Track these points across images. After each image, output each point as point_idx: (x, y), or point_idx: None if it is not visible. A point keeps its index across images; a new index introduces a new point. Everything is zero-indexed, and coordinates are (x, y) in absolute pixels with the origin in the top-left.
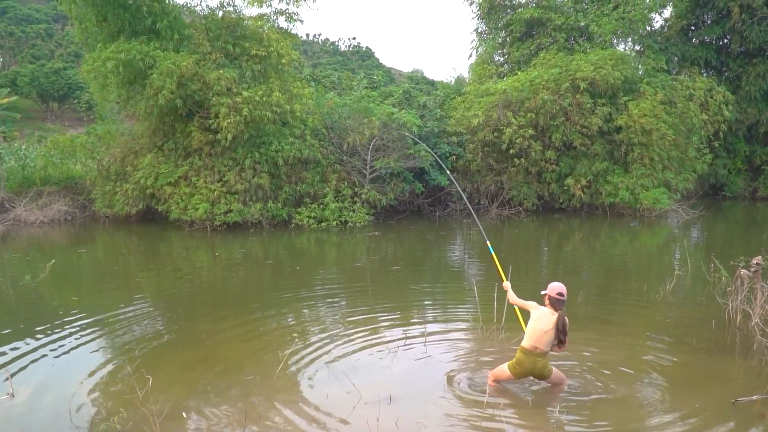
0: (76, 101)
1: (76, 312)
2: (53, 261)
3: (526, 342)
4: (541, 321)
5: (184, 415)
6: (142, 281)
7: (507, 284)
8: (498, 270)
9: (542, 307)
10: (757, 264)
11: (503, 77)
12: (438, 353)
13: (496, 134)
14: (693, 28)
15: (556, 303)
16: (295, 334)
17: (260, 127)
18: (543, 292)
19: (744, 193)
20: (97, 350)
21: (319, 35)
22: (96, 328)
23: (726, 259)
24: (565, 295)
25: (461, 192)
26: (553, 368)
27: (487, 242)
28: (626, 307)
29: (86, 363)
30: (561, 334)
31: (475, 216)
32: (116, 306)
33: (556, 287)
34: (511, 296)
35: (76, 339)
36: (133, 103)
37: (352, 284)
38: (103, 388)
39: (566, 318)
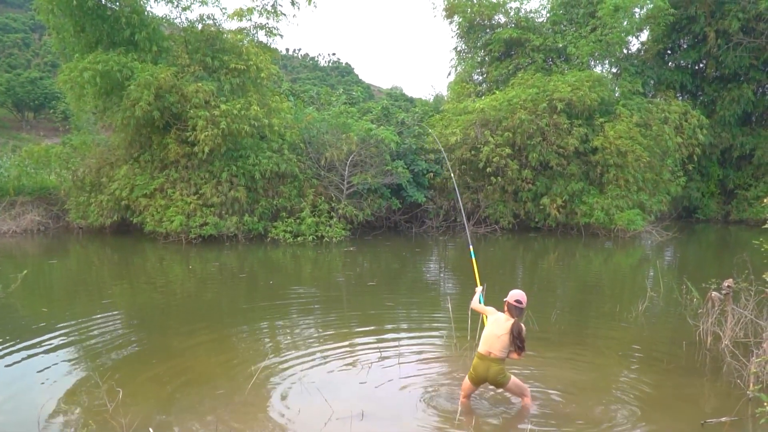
0: (51, 111)
1: (46, 323)
2: (25, 272)
3: (481, 347)
4: (495, 326)
5: (151, 431)
6: (115, 293)
7: (479, 289)
8: (474, 274)
9: (499, 312)
10: (728, 287)
11: (481, 96)
12: (411, 370)
13: (473, 152)
14: (669, 52)
15: (513, 309)
16: (268, 349)
17: (238, 140)
18: (505, 299)
19: (717, 217)
20: (67, 362)
21: (299, 50)
22: (66, 340)
23: (698, 281)
24: (524, 303)
25: (456, 189)
26: (512, 377)
27: (470, 247)
28: (599, 326)
29: (56, 374)
30: (517, 341)
31: (464, 216)
32: (88, 318)
33: (515, 294)
34: (474, 300)
35: (46, 350)
36: (109, 114)
37: (327, 299)
38: (72, 400)
39: (522, 325)
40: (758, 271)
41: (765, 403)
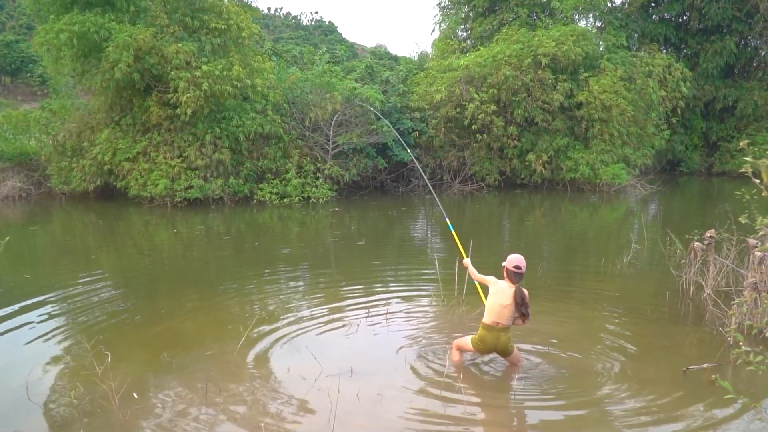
0: (29, 75)
1: (30, 289)
2: (7, 238)
3: (487, 318)
4: (499, 295)
5: (135, 395)
6: (100, 258)
7: (467, 261)
8: (458, 248)
9: (500, 281)
10: (711, 237)
11: (466, 53)
12: (399, 327)
13: (458, 110)
14: (653, 4)
15: (513, 276)
16: (256, 310)
17: (220, 102)
18: (503, 264)
19: (700, 169)
20: (54, 327)
21: (281, 9)
22: (52, 305)
23: (681, 232)
24: (523, 268)
25: (422, 171)
26: (515, 347)
27: (447, 220)
28: (584, 279)
29: (42, 339)
30: (521, 307)
31: (435, 196)
32: (73, 283)
33: (513, 260)
34: (472, 272)
35: (32, 316)
36: (88, 77)
37: (315, 260)
38: (60, 365)
39: (524, 291)
40: (740, 222)
41: (741, 343)
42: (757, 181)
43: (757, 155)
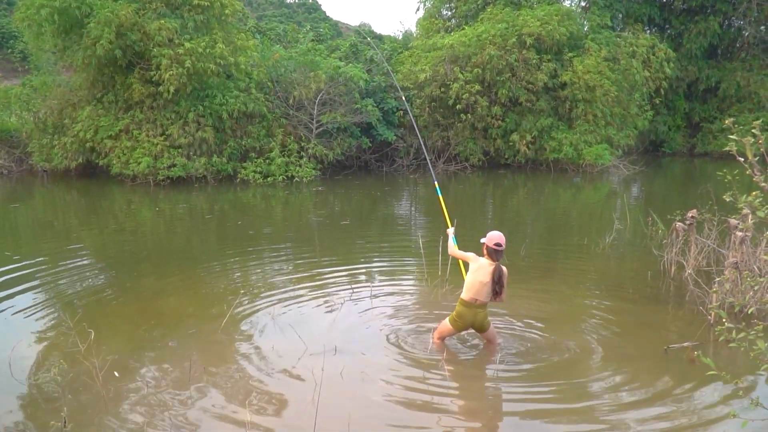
0: (9, 51)
1: (12, 267)
2: None
3: (466, 294)
4: (479, 273)
5: (116, 374)
6: (83, 236)
7: (450, 230)
8: (444, 214)
9: (481, 258)
10: (692, 217)
11: (450, 32)
12: (383, 306)
13: (443, 90)
14: None
15: (493, 253)
16: (240, 288)
17: (204, 79)
18: (482, 240)
19: (682, 150)
20: (36, 305)
21: None
22: (35, 283)
23: (663, 213)
24: (503, 245)
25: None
26: (491, 323)
27: (435, 183)
28: (567, 259)
29: (25, 316)
30: (496, 285)
31: (427, 156)
32: (55, 261)
33: (494, 237)
34: (450, 246)
35: (13, 293)
36: (70, 54)
37: (298, 239)
38: (43, 342)
39: (503, 268)
40: (721, 202)
41: (724, 320)
42: (741, 159)
43: (741, 134)
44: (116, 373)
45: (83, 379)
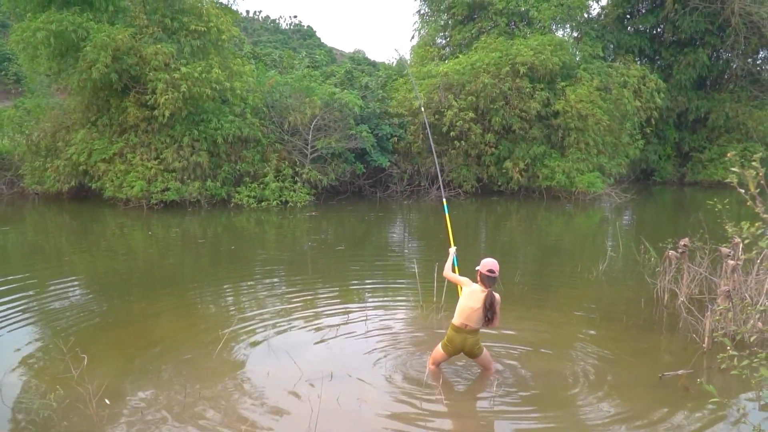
0: (3, 73)
1: (3, 291)
2: None
3: (456, 319)
4: (470, 298)
5: (107, 401)
6: (75, 260)
7: (452, 250)
8: (448, 233)
9: (474, 284)
10: (684, 246)
11: (445, 60)
12: (379, 332)
13: (437, 116)
14: (628, 16)
15: (486, 280)
16: (234, 313)
17: (199, 104)
18: (477, 268)
19: (673, 179)
20: (28, 329)
21: (260, 12)
22: (26, 307)
23: (655, 241)
24: (497, 272)
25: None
26: (484, 349)
27: (444, 200)
28: (560, 286)
29: (16, 342)
30: (489, 312)
31: (439, 173)
32: (46, 286)
33: (487, 264)
34: (447, 268)
35: (4, 318)
36: (64, 77)
37: (292, 264)
38: (36, 368)
39: (495, 295)
40: (712, 231)
41: (728, 348)
42: (743, 191)
43: (729, 165)
44: (107, 401)
45: (76, 405)
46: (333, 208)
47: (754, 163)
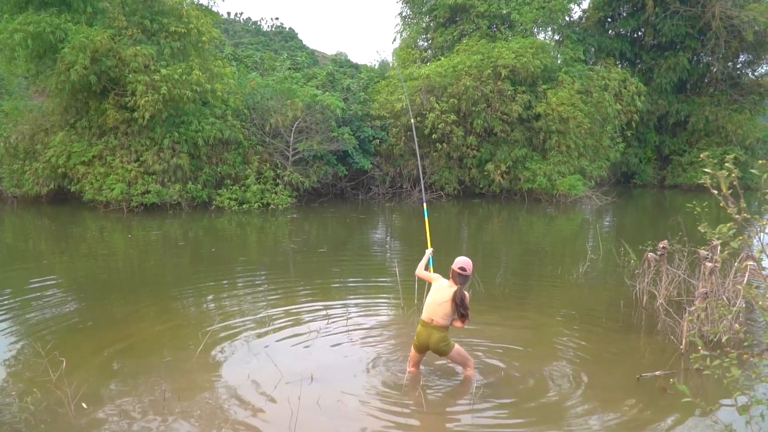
0: None
1: None
2: None
3: (423, 314)
4: (437, 293)
5: (84, 405)
6: (54, 263)
7: (429, 251)
8: (426, 235)
9: (442, 279)
10: (663, 248)
11: (427, 62)
12: (359, 334)
13: (419, 119)
14: (609, 20)
15: (456, 277)
16: (214, 316)
17: (179, 106)
18: (451, 266)
19: (653, 182)
20: (6, 332)
21: (241, 14)
22: (4, 310)
23: (635, 243)
24: (469, 271)
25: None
26: (456, 346)
27: (424, 205)
28: (541, 288)
29: None
30: (460, 308)
31: (421, 176)
32: (25, 289)
33: (459, 261)
34: (420, 267)
35: None
36: (42, 79)
37: (274, 266)
38: (13, 371)
39: (465, 293)
40: (691, 234)
41: (700, 348)
42: (716, 192)
43: (703, 166)
44: (84, 405)
45: (54, 409)
46: (315, 210)
47: (727, 164)
